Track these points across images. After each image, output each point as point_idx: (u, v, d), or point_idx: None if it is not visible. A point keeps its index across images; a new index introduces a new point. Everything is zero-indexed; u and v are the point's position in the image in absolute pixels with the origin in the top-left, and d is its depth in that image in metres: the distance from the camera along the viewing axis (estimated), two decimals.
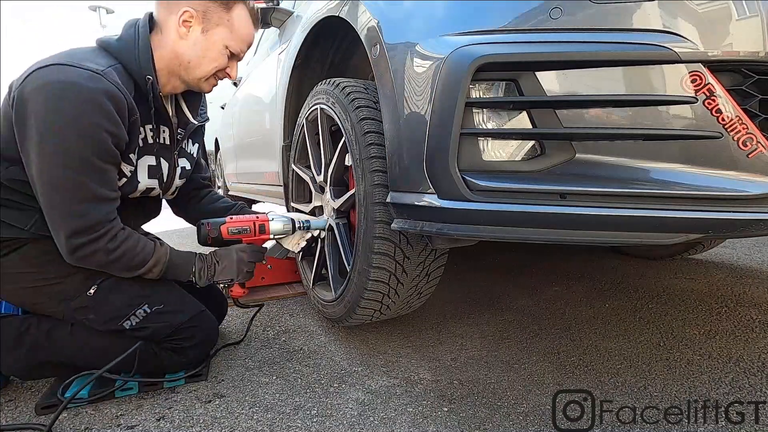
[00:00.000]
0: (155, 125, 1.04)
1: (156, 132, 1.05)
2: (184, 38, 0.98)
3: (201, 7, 0.97)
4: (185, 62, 1.00)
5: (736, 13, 0.65)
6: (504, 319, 1.37)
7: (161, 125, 1.06)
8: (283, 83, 1.61)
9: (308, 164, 1.44)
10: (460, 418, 0.87)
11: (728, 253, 2.07)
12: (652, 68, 0.68)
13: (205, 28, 0.99)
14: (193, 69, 1.01)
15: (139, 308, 0.99)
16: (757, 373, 0.98)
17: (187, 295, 1.10)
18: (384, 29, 0.93)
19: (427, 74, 0.80)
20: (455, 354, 1.15)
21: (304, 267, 1.53)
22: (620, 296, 1.53)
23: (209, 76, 1.04)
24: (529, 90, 0.73)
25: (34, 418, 0.92)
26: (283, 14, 1.77)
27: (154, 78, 0.96)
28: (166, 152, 1.09)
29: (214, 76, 1.05)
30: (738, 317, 1.29)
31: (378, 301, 1.09)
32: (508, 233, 0.77)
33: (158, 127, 1.06)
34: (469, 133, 0.77)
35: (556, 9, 0.71)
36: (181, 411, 0.93)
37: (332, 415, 0.89)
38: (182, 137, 1.14)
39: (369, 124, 1.02)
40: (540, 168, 0.75)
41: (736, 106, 0.66)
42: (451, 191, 0.79)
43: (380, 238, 1.00)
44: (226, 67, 1.05)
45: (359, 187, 1.04)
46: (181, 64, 1.00)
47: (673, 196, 0.68)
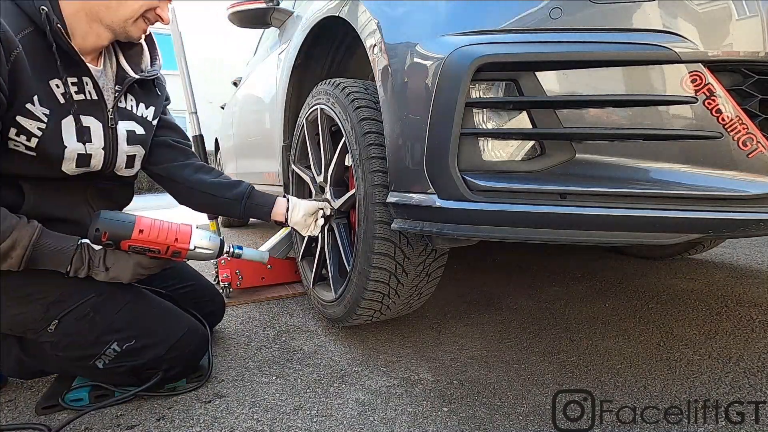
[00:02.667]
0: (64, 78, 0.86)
1: (78, 86, 0.89)
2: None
3: None
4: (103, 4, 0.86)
5: (736, 13, 0.65)
6: (504, 319, 1.37)
7: (82, 77, 0.90)
8: (283, 83, 1.61)
9: (308, 164, 1.44)
10: (460, 418, 0.87)
11: (728, 253, 2.07)
12: (652, 68, 0.68)
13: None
14: (115, 8, 0.87)
15: (108, 347, 0.91)
16: (757, 373, 0.98)
17: (167, 319, 1.00)
18: (384, 29, 0.93)
19: (427, 74, 0.80)
20: (455, 354, 1.15)
21: (304, 267, 1.53)
22: (620, 296, 1.53)
23: (136, 17, 0.90)
24: (529, 90, 0.73)
25: (34, 418, 0.92)
26: (283, 14, 1.77)
27: (49, 9, 0.81)
28: (92, 109, 0.92)
29: (142, 17, 0.92)
30: (738, 317, 1.29)
31: (378, 301, 1.09)
32: (508, 233, 0.77)
33: (80, 80, 0.90)
34: (469, 133, 0.77)
35: (556, 9, 0.71)
36: (181, 411, 0.93)
37: (332, 415, 0.89)
38: (119, 93, 0.96)
39: (369, 125, 1.02)
40: (540, 168, 0.75)
41: (736, 106, 0.66)
42: (451, 191, 0.79)
43: (380, 239, 1.00)
44: (156, 7, 0.92)
45: (359, 188, 1.04)
46: (100, 3, 0.87)
47: (673, 196, 0.68)
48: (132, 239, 0.89)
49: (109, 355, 0.92)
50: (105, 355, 0.92)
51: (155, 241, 0.92)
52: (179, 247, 0.95)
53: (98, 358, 0.92)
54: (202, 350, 1.07)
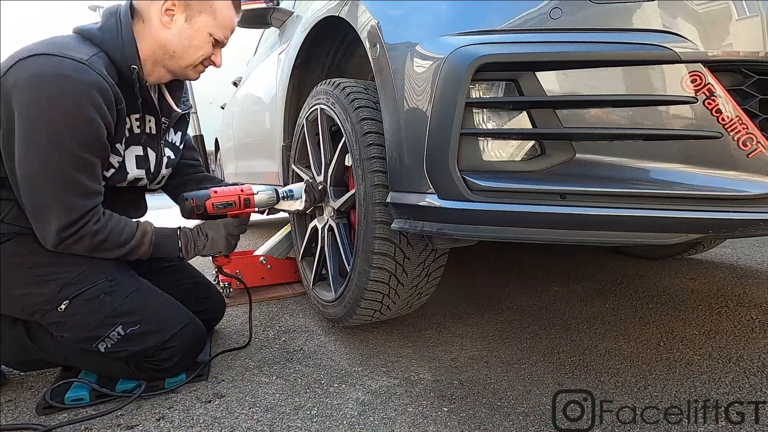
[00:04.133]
0: (142, 114, 1.03)
1: (142, 121, 1.04)
2: (168, 27, 0.97)
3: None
4: (170, 52, 0.99)
5: (736, 13, 0.65)
6: (504, 319, 1.37)
7: (147, 115, 1.05)
8: (283, 83, 1.61)
9: (308, 164, 1.44)
10: (460, 418, 0.87)
11: (728, 253, 2.07)
12: (652, 68, 0.68)
13: (188, 17, 0.97)
14: (179, 58, 1.00)
15: (112, 329, 0.95)
16: (757, 373, 0.98)
17: (171, 309, 1.05)
18: (384, 29, 0.93)
19: (427, 74, 0.80)
20: (455, 354, 1.15)
21: (304, 267, 1.53)
22: (620, 296, 1.53)
23: (196, 64, 1.03)
24: (529, 90, 0.73)
25: (34, 418, 0.92)
26: (283, 14, 1.78)
27: (139, 68, 0.95)
28: (152, 142, 1.09)
29: (201, 63, 1.04)
30: (738, 317, 1.29)
31: (378, 301, 1.09)
32: (509, 233, 0.77)
33: (144, 117, 1.04)
34: (469, 133, 0.77)
35: (556, 9, 0.71)
36: (181, 411, 0.93)
37: (332, 415, 0.89)
38: (167, 126, 1.13)
39: (369, 125, 1.02)
40: (540, 168, 0.75)
41: (736, 106, 0.66)
42: (451, 191, 0.79)
43: (380, 239, 1.00)
44: (212, 55, 1.04)
45: (359, 188, 1.04)
46: (166, 54, 0.99)
47: (673, 196, 0.68)
48: (212, 198, 1.09)
49: (113, 339, 0.95)
50: (109, 338, 0.95)
51: (229, 194, 1.12)
52: (247, 194, 1.14)
53: (102, 340, 0.95)
54: (201, 344, 1.10)
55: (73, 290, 0.93)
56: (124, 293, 0.97)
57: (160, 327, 1.00)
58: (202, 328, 1.10)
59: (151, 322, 0.99)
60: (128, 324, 0.96)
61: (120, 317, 0.96)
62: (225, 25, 1.03)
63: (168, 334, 1.00)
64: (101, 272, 0.96)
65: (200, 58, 1.03)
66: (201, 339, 1.09)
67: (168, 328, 1.00)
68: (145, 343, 0.97)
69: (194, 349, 1.07)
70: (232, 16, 1.04)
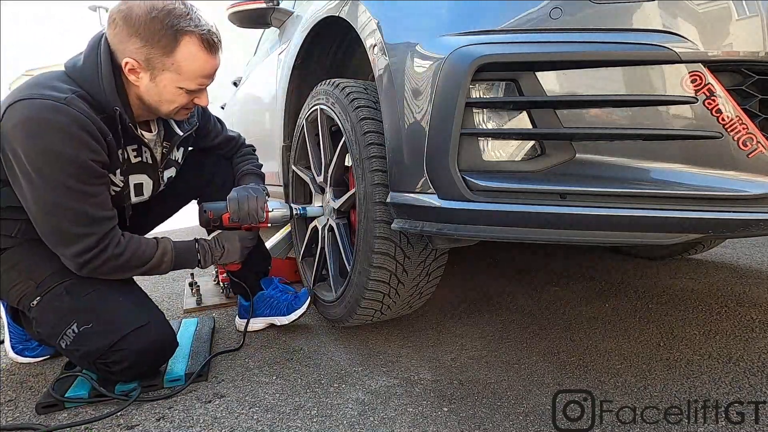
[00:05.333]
0: (136, 145, 1.06)
1: (139, 152, 1.07)
2: (137, 84, 0.97)
3: (141, 56, 0.92)
4: (147, 103, 1.00)
5: (736, 13, 0.65)
6: (504, 319, 1.37)
7: (141, 146, 1.08)
8: (283, 83, 1.61)
9: (308, 165, 1.44)
10: (460, 418, 0.87)
11: (728, 253, 2.07)
12: (652, 68, 0.68)
13: (152, 76, 0.96)
14: (156, 109, 1.02)
15: (69, 327, 0.95)
16: (757, 373, 0.98)
17: (130, 308, 1.00)
18: (384, 29, 0.93)
19: (427, 74, 0.80)
20: (455, 354, 1.15)
21: (304, 267, 1.53)
22: (620, 296, 1.53)
23: (176, 112, 1.04)
24: (529, 90, 0.73)
25: (34, 418, 0.92)
26: (283, 14, 1.77)
27: (121, 109, 0.95)
28: (150, 170, 1.12)
29: (183, 109, 1.05)
30: (738, 317, 1.29)
31: (378, 301, 1.09)
32: (508, 233, 0.77)
33: (141, 148, 1.08)
34: (469, 133, 0.77)
35: (556, 9, 0.71)
36: (181, 411, 0.93)
37: (332, 415, 0.89)
38: (168, 150, 1.15)
39: (369, 124, 1.02)
40: (540, 168, 0.75)
41: (736, 106, 0.66)
42: (452, 191, 0.79)
43: (381, 238, 1.00)
44: (193, 99, 1.04)
45: (359, 187, 1.04)
46: (144, 104, 1.01)
47: (673, 196, 0.68)
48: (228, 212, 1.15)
49: (69, 336, 0.96)
50: (66, 336, 0.96)
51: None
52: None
53: (61, 337, 0.96)
54: (161, 351, 1.03)
55: (44, 288, 0.98)
56: (84, 291, 0.98)
57: (112, 327, 0.96)
58: (166, 333, 1.04)
59: (105, 321, 0.96)
60: (82, 321, 0.95)
61: (75, 314, 0.96)
62: (195, 76, 0.98)
63: (119, 334, 0.95)
64: (69, 272, 0.97)
65: (176, 109, 1.03)
66: (160, 344, 1.01)
67: (121, 328, 0.96)
68: (96, 342, 0.94)
69: (150, 356, 1.00)
70: (201, 65, 0.97)
